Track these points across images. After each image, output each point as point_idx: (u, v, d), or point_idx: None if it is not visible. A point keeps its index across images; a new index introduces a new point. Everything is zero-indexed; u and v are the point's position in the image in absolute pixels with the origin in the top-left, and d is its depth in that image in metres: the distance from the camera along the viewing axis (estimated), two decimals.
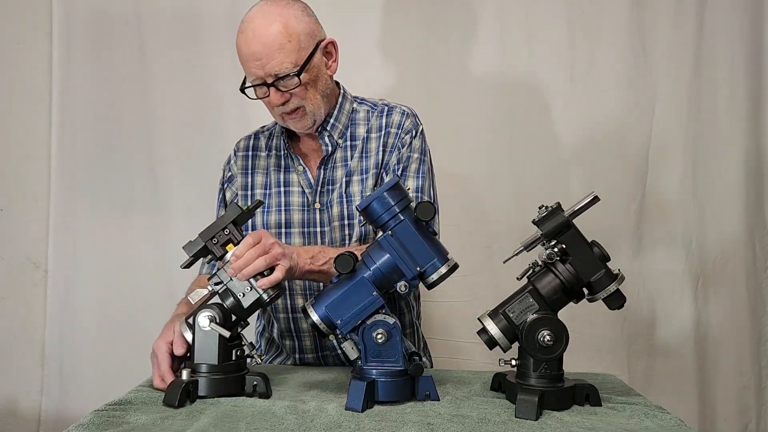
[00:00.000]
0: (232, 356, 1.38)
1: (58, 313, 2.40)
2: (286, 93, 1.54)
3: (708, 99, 2.33)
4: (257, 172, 1.73)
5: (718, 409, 2.37)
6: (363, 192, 1.63)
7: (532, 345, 1.30)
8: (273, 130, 1.77)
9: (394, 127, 1.66)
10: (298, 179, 1.68)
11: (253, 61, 1.51)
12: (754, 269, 2.36)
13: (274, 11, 1.52)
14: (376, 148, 1.66)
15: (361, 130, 1.68)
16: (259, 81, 1.54)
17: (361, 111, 1.71)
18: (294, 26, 1.52)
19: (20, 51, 2.39)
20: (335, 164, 1.67)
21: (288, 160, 1.70)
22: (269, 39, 1.49)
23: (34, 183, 2.40)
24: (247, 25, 1.53)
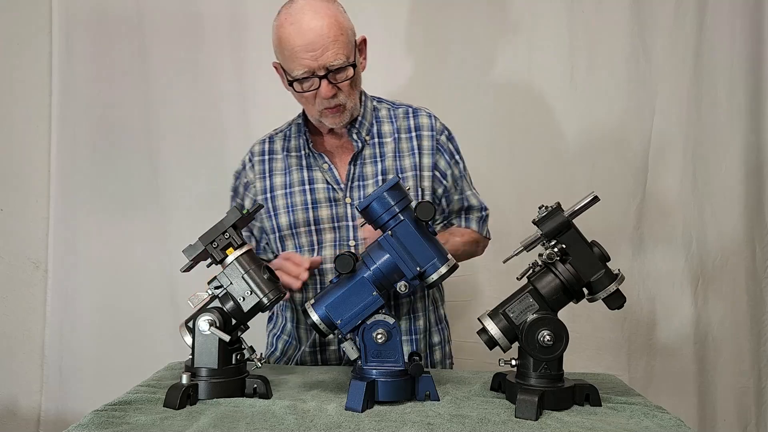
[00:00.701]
0: (232, 360, 1.38)
1: (58, 313, 2.40)
2: (335, 86, 1.56)
3: (708, 99, 2.33)
4: (275, 174, 1.74)
5: (718, 409, 2.37)
6: None
7: (532, 345, 1.30)
8: (288, 132, 1.78)
9: (426, 130, 1.71)
10: (323, 176, 1.69)
11: (307, 52, 1.51)
12: (754, 269, 2.37)
13: (323, 6, 1.54)
14: (409, 148, 1.70)
15: (385, 128, 1.72)
16: (309, 73, 1.54)
17: (382, 109, 1.75)
18: (343, 21, 1.56)
19: (20, 51, 2.39)
20: (364, 160, 1.70)
21: (310, 159, 1.71)
22: (324, 30, 1.51)
23: (34, 183, 2.40)
24: (299, 17, 1.53)
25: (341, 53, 1.53)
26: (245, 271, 1.38)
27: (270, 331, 1.88)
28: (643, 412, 1.30)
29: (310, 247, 1.68)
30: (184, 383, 1.32)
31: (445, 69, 2.36)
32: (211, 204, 2.21)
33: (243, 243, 1.40)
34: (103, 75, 2.37)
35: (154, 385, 1.46)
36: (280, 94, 2.34)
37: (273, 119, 2.34)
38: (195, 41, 2.35)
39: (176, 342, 1.51)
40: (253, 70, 2.35)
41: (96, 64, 2.36)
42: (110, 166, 2.38)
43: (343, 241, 1.68)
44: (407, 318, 1.72)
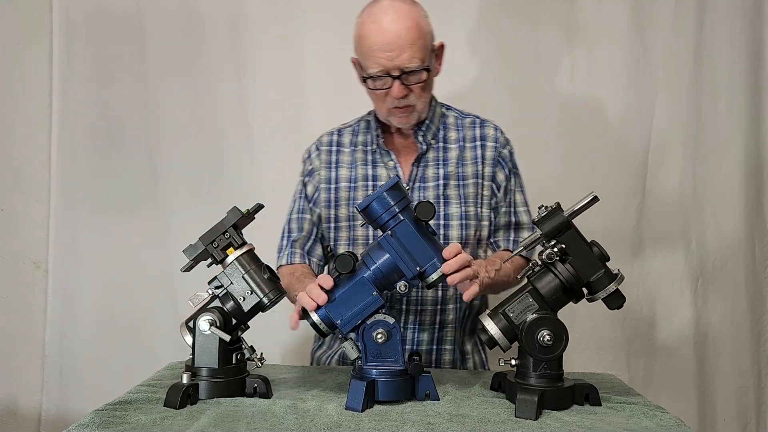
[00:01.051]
0: (232, 360, 1.38)
1: (58, 313, 2.40)
2: (407, 87, 1.59)
3: (708, 99, 2.33)
4: (341, 167, 1.77)
5: (717, 409, 2.37)
6: (461, 197, 1.71)
7: (532, 345, 1.30)
8: (356, 127, 1.81)
9: (491, 141, 1.75)
10: (387, 173, 1.73)
11: (384, 51, 1.55)
12: (754, 269, 2.37)
13: (405, 8, 1.57)
14: (472, 157, 1.74)
15: (452, 134, 1.76)
16: (383, 72, 1.57)
17: (450, 116, 1.79)
18: (423, 25, 1.59)
19: (20, 51, 2.39)
20: (427, 163, 1.73)
21: (376, 155, 1.75)
22: (404, 32, 1.54)
23: (34, 183, 2.40)
24: (380, 17, 1.56)
25: (417, 56, 1.56)
26: (245, 271, 1.38)
27: None
28: (642, 411, 1.30)
29: (365, 241, 1.71)
30: (185, 383, 1.32)
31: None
32: (211, 204, 2.21)
33: (243, 243, 1.40)
34: (103, 75, 2.36)
35: (154, 385, 1.46)
36: (280, 94, 2.36)
37: (273, 119, 2.37)
38: (195, 41, 2.35)
39: (176, 342, 1.52)
40: (253, 70, 2.35)
41: (96, 64, 2.36)
42: (110, 166, 2.38)
43: None
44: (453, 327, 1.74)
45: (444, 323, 1.72)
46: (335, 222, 1.74)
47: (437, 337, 1.73)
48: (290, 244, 1.78)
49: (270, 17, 2.36)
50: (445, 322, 1.72)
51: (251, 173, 2.36)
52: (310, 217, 1.79)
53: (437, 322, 1.72)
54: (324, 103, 2.35)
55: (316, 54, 2.34)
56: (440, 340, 1.73)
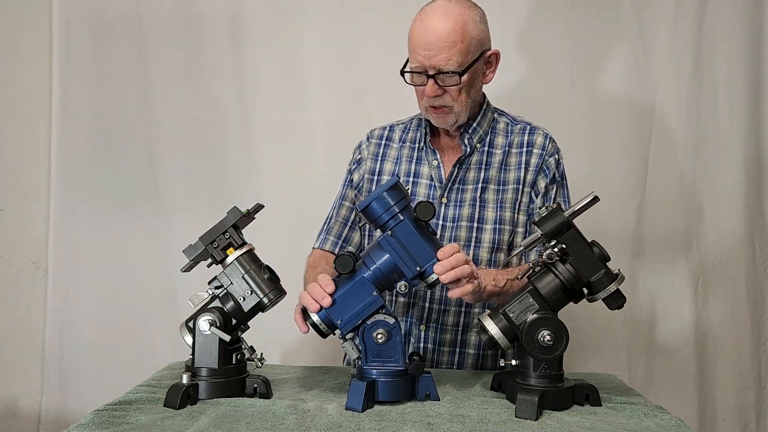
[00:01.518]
0: (232, 360, 1.38)
1: (58, 313, 2.39)
2: (441, 88, 1.59)
3: (708, 99, 2.33)
4: (387, 160, 1.79)
5: (718, 409, 2.37)
6: (498, 201, 1.70)
7: (532, 345, 1.30)
8: (408, 125, 1.83)
9: (537, 148, 1.73)
10: (430, 172, 1.74)
11: (423, 49, 1.56)
12: (754, 269, 2.37)
13: (456, 10, 1.58)
14: (516, 163, 1.73)
15: (499, 140, 1.75)
16: (420, 69, 1.58)
17: (501, 122, 1.78)
18: (470, 30, 1.58)
19: (20, 51, 2.38)
20: (470, 165, 1.73)
21: (422, 153, 1.76)
22: (444, 34, 1.55)
23: (34, 183, 2.39)
24: (427, 15, 1.58)
25: (454, 59, 1.56)
26: (245, 271, 1.38)
27: None
28: (643, 412, 1.30)
29: None
30: (185, 383, 1.32)
31: None
32: (211, 204, 2.21)
33: (243, 243, 1.40)
34: (103, 75, 2.36)
35: (154, 385, 1.46)
36: (280, 94, 2.36)
37: (273, 119, 2.36)
38: (195, 41, 2.35)
39: (176, 342, 1.51)
40: (253, 70, 2.35)
41: (96, 64, 2.36)
42: (110, 166, 2.38)
43: None
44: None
45: (467, 326, 1.72)
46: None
47: (460, 340, 1.72)
48: (327, 230, 1.81)
49: (270, 17, 2.35)
50: (468, 324, 1.71)
51: (251, 173, 2.36)
52: (350, 205, 1.81)
53: (460, 324, 1.71)
54: (324, 103, 2.35)
55: (316, 53, 2.34)
56: (463, 344, 1.72)
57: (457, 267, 1.33)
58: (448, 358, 1.72)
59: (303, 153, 2.35)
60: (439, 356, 1.72)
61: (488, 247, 1.68)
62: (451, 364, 1.72)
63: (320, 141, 2.35)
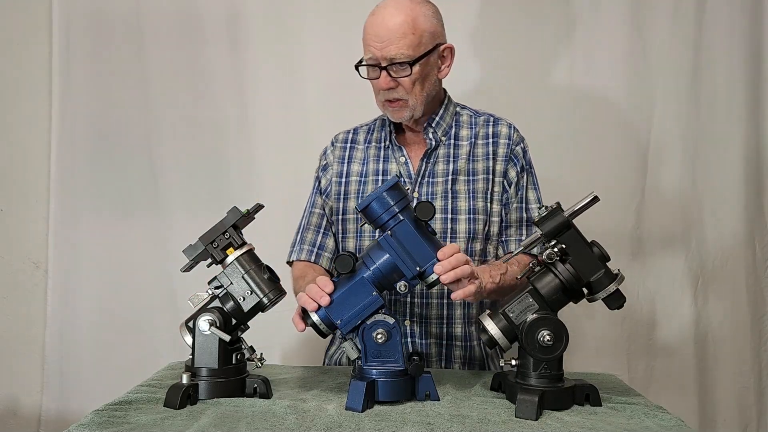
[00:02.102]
0: (232, 360, 1.38)
1: (58, 313, 2.39)
2: (394, 80, 1.63)
3: (708, 99, 2.33)
4: (354, 162, 1.82)
5: (718, 409, 2.37)
6: (469, 191, 1.73)
7: (532, 345, 1.30)
8: (372, 126, 1.86)
9: (503, 138, 1.77)
10: (398, 169, 1.76)
11: (375, 42, 1.60)
12: (754, 269, 2.36)
13: (407, 5, 1.62)
14: (483, 154, 1.76)
15: (464, 132, 1.79)
16: (373, 62, 1.62)
17: (464, 115, 1.82)
18: (421, 23, 1.61)
19: (20, 51, 2.39)
20: (437, 159, 1.76)
21: (389, 151, 1.79)
22: (395, 26, 1.59)
23: (34, 183, 2.39)
24: (380, 10, 1.63)
25: (404, 51, 1.59)
26: (245, 271, 1.38)
27: None
28: (643, 412, 1.30)
29: (371, 234, 1.72)
30: (185, 383, 1.32)
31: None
32: (211, 204, 2.21)
33: (243, 243, 1.40)
34: (103, 75, 2.36)
35: (154, 385, 1.46)
36: (280, 94, 2.36)
37: (273, 119, 2.36)
38: (194, 41, 2.35)
39: (176, 342, 1.51)
40: (253, 70, 2.35)
41: (96, 64, 2.36)
42: (110, 166, 2.38)
43: None
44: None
45: (452, 317, 1.72)
46: (343, 214, 1.78)
47: (446, 332, 1.73)
48: (300, 240, 1.81)
49: (269, 17, 2.35)
50: (452, 316, 1.72)
51: (251, 173, 2.36)
52: (320, 212, 1.83)
53: (444, 316, 1.73)
54: (324, 103, 2.35)
55: (316, 54, 2.34)
56: (450, 336, 1.73)
57: (458, 267, 1.33)
58: (435, 350, 1.73)
59: (303, 153, 2.34)
60: (427, 350, 1.72)
61: (464, 237, 1.70)
62: (439, 356, 1.73)
63: (320, 141, 2.33)
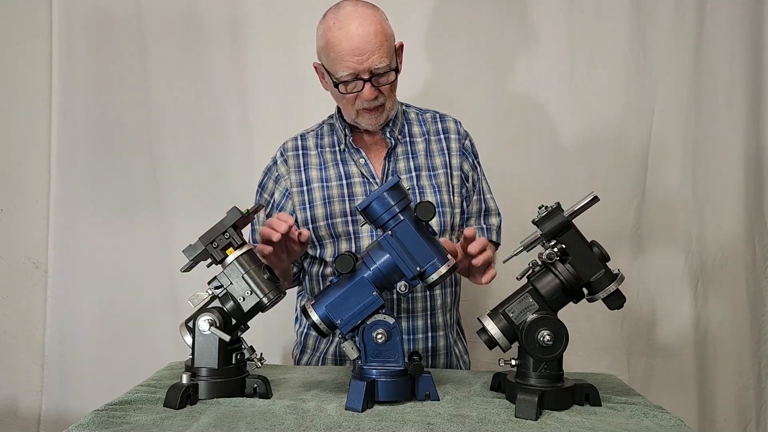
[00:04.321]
0: (232, 360, 1.38)
1: (58, 313, 2.39)
2: (377, 89, 1.65)
3: (708, 99, 2.33)
4: (311, 168, 1.80)
5: (718, 409, 2.37)
6: (434, 186, 1.77)
7: (532, 345, 1.30)
8: (319, 131, 1.85)
9: (453, 133, 1.83)
10: (359, 170, 1.77)
11: (354, 56, 1.59)
12: (754, 269, 2.37)
13: (369, 13, 1.63)
14: (439, 149, 1.81)
15: (416, 129, 1.83)
16: (353, 76, 1.62)
17: (411, 113, 1.86)
18: (386, 29, 1.64)
19: (20, 51, 2.38)
20: (397, 157, 1.79)
21: (345, 154, 1.79)
22: (371, 37, 1.59)
23: (34, 183, 2.39)
24: (347, 23, 1.60)
25: (385, 58, 1.61)
26: (245, 271, 1.38)
27: (297, 330, 1.91)
28: (643, 411, 1.30)
29: (347, 237, 1.73)
30: (185, 383, 1.32)
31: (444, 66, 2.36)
32: (211, 204, 2.21)
33: (243, 243, 1.40)
34: (103, 75, 2.36)
35: (154, 385, 1.46)
36: (281, 94, 2.36)
37: (273, 119, 2.37)
38: (195, 41, 2.35)
39: (176, 342, 1.52)
40: (253, 70, 2.35)
41: (96, 64, 2.36)
42: (110, 166, 2.38)
43: (378, 232, 1.70)
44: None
45: (434, 309, 1.75)
46: (314, 222, 1.75)
47: (431, 324, 1.75)
48: None
49: (270, 17, 2.36)
50: (434, 307, 1.75)
51: (251, 173, 2.35)
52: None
53: (428, 308, 1.75)
54: (324, 103, 2.34)
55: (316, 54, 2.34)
56: (434, 327, 1.75)
57: (485, 252, 1.46)
58: (422, 345, 1.74)
59: None
60: (414, 345, 1.74)
61: (437, 231, 1.70)
62: (425, 351, 1.75)
63: None
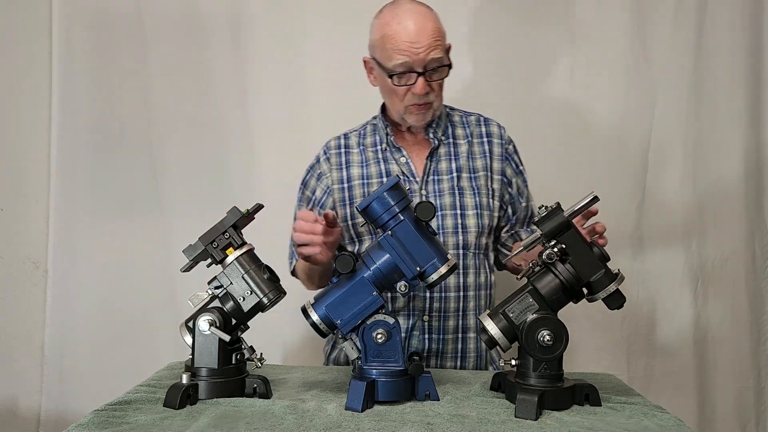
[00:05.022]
0: (232, 360, 1.38)
1: (58, 313, 2.39)
2: (428, 84, 1.67)
3: (708, 99, 2.33)
4: (352, 166, 1.83)
5: (717, 408, 2.37)
6: (473, 188, 1.78)
7: (532, 345, 1.30)
8: (362, 131, 1.88)
9: (496, 138, 1.85)
10: (400, 169, 1.79)
11: (412, 48, 1.62)
12: (753, 269, 2.37)
13: (426, 11, 1.68)
14: (481, 152, 1.83)
15: (459, 131, 1.85)
16: (408, 68, 1.64)
17: (455, 115, 1.88)
18: (441, 27, 1.69)
19: (20, 51, 2.39)
20: (439, 158, 1.81)
21: (387, 153, 1.81)
22: (428, 31, 1.63)
23: (34, 183, 2.39)
24: (405, 17, 1.65)
25: (442, 54, 1.66)
26: (245, 271, 1.38)
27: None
28: (642, 411, 1.30)
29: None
30: (184, 383, 1.32)
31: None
32: (211, 204, 2.21)
33: (243, 243, 1.40)
34: (103, 75, 2.36)
35: (154, 385, 1.46)
36: (281, 93, 2.36)
37: (274, 119, 2.37)
38: (195, 41, 2.35)
39: (176, 342, 1.51)
40: (254, 70, 2.35)
41: (96, 64, 2.36)
42: (110, 166, 2.38)
43: None
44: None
45: (466, 310, 1.76)
46: (352, 219, 1.78)
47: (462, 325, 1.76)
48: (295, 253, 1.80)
49: (271, 16, 2.36)
50: (467, 309, 1.76)
51: (251, 173, 2.36)
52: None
53: (460, 309, 1.75)
54: (325, 103, 2.35)
55: (317, 53, 2.34)
56: (464, 329, 1.76)
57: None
58: (452, 346, 1.76)
59: (303, 153, 2.33)
60: (444, 346, 1.75)
61: (474, 232, 1.75)
62: (455, 352, 1.76)
63: (321, 141, 2.34)
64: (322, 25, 2.34)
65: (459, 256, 1.74)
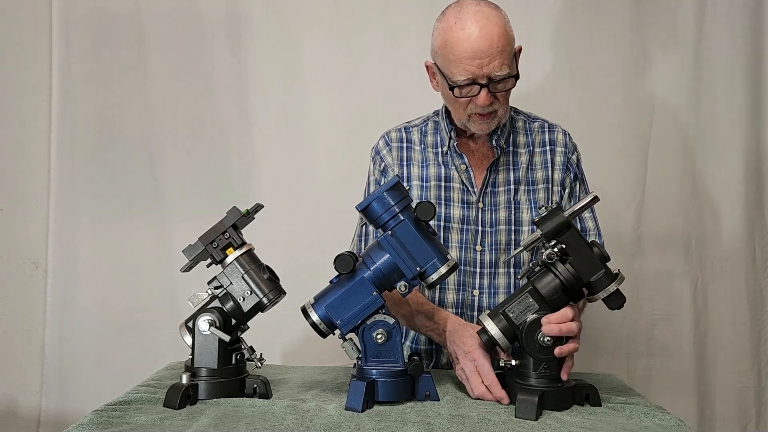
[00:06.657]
0: (231, 360, 1.38)
1: (58, 313, 2.39)
2: (493, 95, 1.55)
3: (708, 99, 2.33)
4: (413, 164, 1.74)
5: (717, 408, 2.37)
6: (530, 202, 1.69)
7: (532, 345, 1.30)
8: (423, 128, 1.78)
9: (560, 146, 1.74)
10: (459, 176, 1.70)
11: (474, 59, 1.50)
12: (753, 269, 2.37)
13: (493, 14, 1.53)
14: (542, 162, 1.72)
15: (521, 138, 1.74)
16: (471, 80, 1.52)
17: (518, 120, 1.76)
18: (509, 32, 1.54)
19: (20, 51, 2.38)
20: (499, 167, 1.71)
21: (447, 157, 1.72)
22: (493, 40, 1.49)
23: (34, 183, 2.39)
24: (469, 23, 1.50)
25: (506, 64, 1.52)
26: (245, 271, 1.38)
27: None
28: (642, 411, 1.30)
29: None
30: (184, 383, 1.32)
31: None
32: (211, 204, 2.21)
33: (243, 243, 1.40)
34: (103, 75, 2.36)
35: (154, 385, 1.46)
36: (281, 93, 2.36)
37: (273, 119, 2.36)
38: (195, 41, 2.35)
39: (176, 342, 1.51)
40: (254, 69, 2.35)
41: (96, 64, 2.36)
42: (110, 166, 2.37)
43: (469, 244, 1.68)
44: None
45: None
46: None
47: None
48: None
49: (270, 17, 2.36)
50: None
51: (251, 173, 2.36)
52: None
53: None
54: (324, 103, 2.35)
55: (317, 54, 2.34)
56: None
57: (567, 324, 1.30)
58: None
59: (303, 153, 2.35)
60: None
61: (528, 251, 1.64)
62: None
63: (321, 141, 2.35)
64: (321, 26, 2.34)
65: (509, 274, 1.69)
